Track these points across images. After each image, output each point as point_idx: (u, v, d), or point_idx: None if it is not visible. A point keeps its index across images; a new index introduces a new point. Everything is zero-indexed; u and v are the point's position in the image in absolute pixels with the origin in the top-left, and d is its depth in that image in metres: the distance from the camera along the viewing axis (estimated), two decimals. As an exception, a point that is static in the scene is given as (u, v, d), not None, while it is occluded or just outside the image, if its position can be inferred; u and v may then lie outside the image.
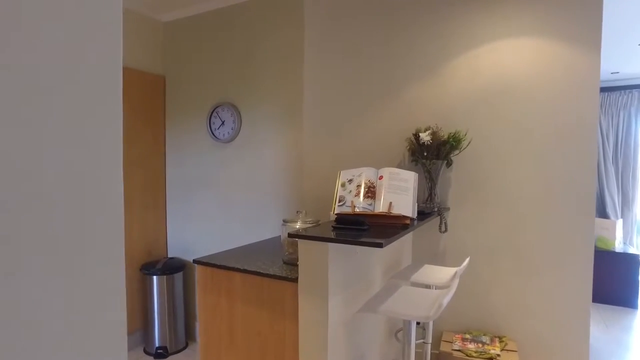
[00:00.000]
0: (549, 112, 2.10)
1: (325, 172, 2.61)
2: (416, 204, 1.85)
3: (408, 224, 1.79)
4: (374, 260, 2.08)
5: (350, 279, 1.81)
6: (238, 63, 2.95)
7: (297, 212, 1.95)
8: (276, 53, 2.79)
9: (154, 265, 3.07)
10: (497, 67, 2.20)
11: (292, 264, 1.89)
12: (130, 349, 3.17)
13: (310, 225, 1.89)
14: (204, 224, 3.18)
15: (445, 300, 1.54)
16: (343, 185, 1.94)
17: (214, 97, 3.08)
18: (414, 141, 2.33)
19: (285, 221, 1.92)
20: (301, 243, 1.64)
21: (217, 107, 3.01)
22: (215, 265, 1.91)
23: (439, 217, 2.27)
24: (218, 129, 3.01)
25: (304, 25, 2.68)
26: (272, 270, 1.79)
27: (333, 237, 1.54)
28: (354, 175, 1.95)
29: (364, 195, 1.86)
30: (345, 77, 2.57)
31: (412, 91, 2.43)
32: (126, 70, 3.08)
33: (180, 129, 3.31)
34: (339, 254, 1.67)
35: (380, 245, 1.42)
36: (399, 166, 2.50)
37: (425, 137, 2.25)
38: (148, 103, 3.26)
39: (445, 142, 2.27)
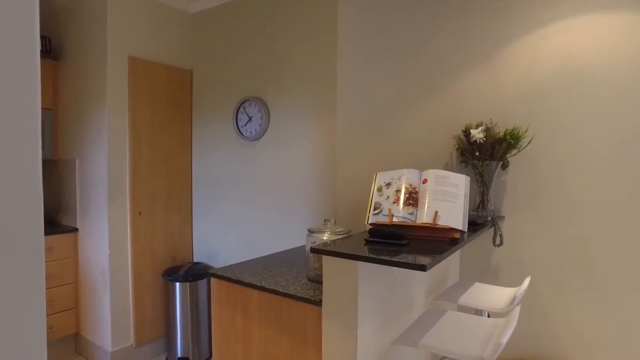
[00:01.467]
0: (637, 104, 1.71)
1: (360, 173, 2.32)
2: (467, 214, 1.53)
3: (457, 239, 1.48)
4: (414, 278, 1.77)
5: (385, 302, 1.52)
6: (266, 54, 2.73)
7: (325, 220, 1.68)
8: (307, 43, 2.53)
9: (177, 271, 2.89)
10: (569, 50, 1.83)
11: (318, 281, 1.62)
12: (152, 356, 3.03)
13: (339, 236, 1.62)
14: (230, 227, 2.98)
15: (505, 339, 1.22)
16: (379, 189, 1.65)
17: (241, 91, 2.87)
18: (464, 139, 2.01)
19: (310, 231, 1.65)
20: (326, 260, 1.37)
21: (244, 102, 2.79)
22: (230, 280, 1.68)
23: (492, 227, 1.93)
24: (245, 125, 2.79)
25: (337, 14, 2.41)
26: (292, 289, 1.53)
27: (364, 253, 1.26)
28: (392, 178, 1.66)
29: (404, 203, 1.56)
30: (384, 69, 2.28)
31: (460, 84, 2.10)
32: (154, 65, 2.94)
33: (207, 126, 3.13)
34: (371, 273, 1.39)
35: (423, 268, 1.13)
36: (446, 168, 2.17)
37: (477, 134, 1.92)
38: (175, 99, 3.10)
39: (501, 140, 1.93)
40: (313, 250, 1.37)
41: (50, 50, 3.08)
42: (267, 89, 2.72)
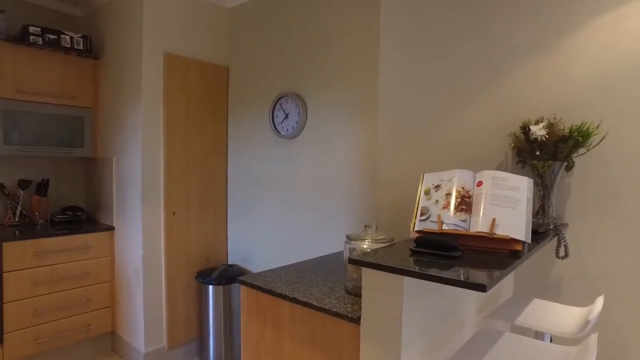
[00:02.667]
0: None
1: (403, 174, 2.13)
2: (530, 222, 1.32)
3: (519, 251, 1.27)
4: (465, 294, 1.58)
5: (432, 321, 1.34)
6: (305, 49, 2.59)
7: (365, 226, 1.51)
8: (347, 37, 2.37)
9: (211, 273, 2.81)
10: (651, 32, 1.57)
11: (356, 294, 1.46)
12: (185, 359, 2.97)
13: (381, 244, 1.45)
14: (265, 229, 2.87)
15: (583, 375, 1.01)
16: (427, 192, 1.47)
17: (277, 87, 2.75)
18: (522, 136, 1.78)
19: (349, 238, 1.49)
20: (366, 272, 1.21)
21: (280, 97, 2.67)
22: (261, 289, 1.55)
23: (556, 237, 1.70)
24: (281, 122, 2.67)
25: (379, 8, 2.23)
26: (328, 303, 1.37)
27: (411, 266, 1.09)
28: (442, 180, 1.47)
29: (456, 208, 1.37)
30: (430, 63, 2.08)
31: (518, 75, 1.88)
32: (190, 62, 2.87)
33: (242, 124, 3.03)
34: (417, 288, 1.21)
35: (482, 289, 0.94)
36: (499, 168, 1.95)
37: (538, 131, 1.70)
38: (211, 96, 3.03)
39: (566, 138, 1.69)
40: (352, 260, 1.21)
41: (91, 49, 3.09)
42: (304, 85, 2.58)
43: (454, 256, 1.20)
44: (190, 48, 2.90)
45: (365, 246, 1.47)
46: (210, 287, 2.76)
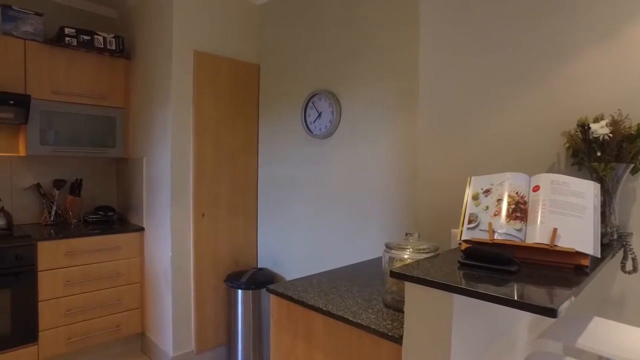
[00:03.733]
0: None
1: (445, 176, 1.98)
2: (599, 233, 1.15)
3: (585, 266, 1.11)
4: (517, 311, 1.42)
5: (483, 342, 1.20)
6: (339, 45, 2.47)
7: (407, 234, 1.38)
8: (385, 32, 2.24)
9: (240, 277, 2.74)
10: None
11: (397, 309, 1.33)
12: (214, 364, 2.91)
13: (424, 255, 1.32)
14: (297, 233, 2.77)
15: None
16: (475, 197, 1.33)
17: (310, 84, 2.65)
18: (579, 136, 1.61)
19: (388, 247, 1.37)
20: (410, 287, 1.08)
21: (313, 96, 2.56)
22: (292, 299, 1.44)
23: (622, 249, 1.51)
24: (314, 122, 2.56)
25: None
26: (365, 317, 1.25)
27: (461, 283, 0.95)
28: (492, 184, 1.32)
29: (509, 215, 1.22)
30: (475, 56, 1.92)
31: (575, 67, 1.70)
32: (219, 60, 2.81)
33: (274, 123, 2.95)
34: (469, 307, 1.07)
35: (552, 314, 0.80)
36: (551, 171, 1.77)
37: (600, 129, 1.52)
38: (241, 95, 2.97)
39: (633, 137, 1.51)
40: (394, 274, 1.08)
41: (123, 49, 3.09)
42: (339, 82, 2.47)
43: (509, 271, 1.06)
44: (220, 46, 2.84)
45: (406, 256, 1.34)
46: (240, 291, 2.69)
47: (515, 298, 0.85)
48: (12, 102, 2.59)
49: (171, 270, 2.66)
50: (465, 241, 1.27)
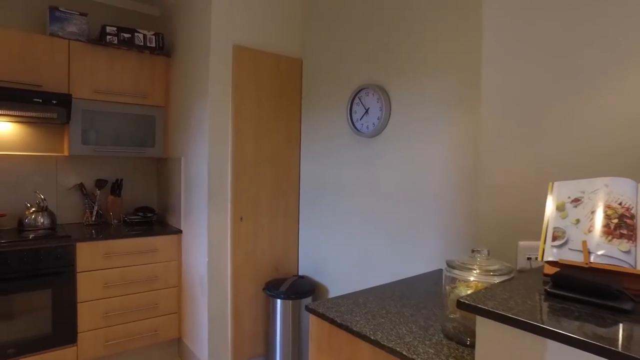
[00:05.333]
0: None
1: (515, 180, 1.71)
2: None
3: None
4: None
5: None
6: (389, 34, 2.25)
7: (473, 251, 1.15)
8: (441, 17, 1.99)
9: (279, 285, 2.58)
10: None
11: (460, 341, 1.10)
12: (252, 376, 2.77)
13: (495, 276, 1.08)
14: (341, 239, 2.56)
15: None
16: (561, 207, 1.08)
17: (357, 79, 2.43)
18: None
19: (450, 265, 1.14)
20: (482, 322, 0.85)
21: (360, 91, 2.35)
22: (334, 322, 1.25)
23: None
24: (360, 119, 2.34)
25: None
26: (422, 352, 1.03)
27: (563, 327, 0.72)
28: (583, 192, 1.07)
29: (611, 232, 0.97)
30: (551, 40, 1.64)
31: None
32: (260, 54, 2.67)
33: (317, 121, 2.76)
34: (561, 353, 0.83)
35: None
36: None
37: None
38: (282, 91, 2.81)
39: None
40: (462, 305, 0.86)
41: (163, 46, 3.02)
42: (388, 75, 2.23)
43: (620, 309, 0.80)
44: (261, 39, 2.69)
45: (472, 278, 1.11)
46: (279, 300, 2.53)
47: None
48: (55, 101, 2.58)
49: (207, 277, 2.53)
50: (550, 263, 1.02)
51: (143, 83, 3.01)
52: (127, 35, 2.86)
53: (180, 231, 2.91)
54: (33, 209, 2.82)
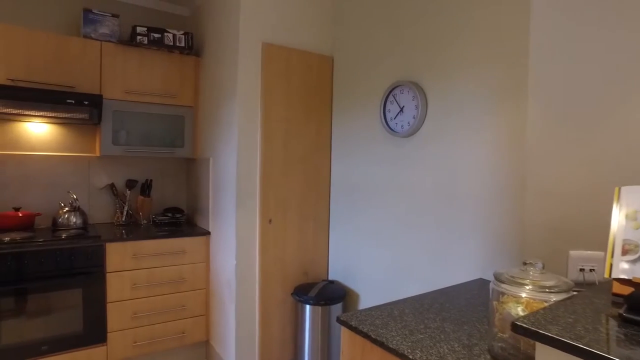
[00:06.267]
0: None
1: (567, 184, 1.56)
2: None
3: None
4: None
5: None
6: (425, 28, 2.12)
7: (525, 263, 1.03)
8: (482, 8, 1.85)
9: (309, 291, 2.50)
10: None
11: (511, 366, 0.98)
12: (279, 382, 2.69)
13: (552, 294, 0.95)
14: (373, 243, 2.45)
15: None
16: (632, 217, 0.94)
17: (390, 75, 2.32)
18: None
19: (499, 279, 1.02)
20: (544, 350, 0.74)
21: (394, 88, 2.23)
22: (368, 337, 1.15)
23: None
24: (395, 118, 2.23)
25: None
26: (470, 378, 0.92)
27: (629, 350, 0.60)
28: (659, 199, 0.93)
29: (696, 247, 0.83)
30: (611, 28, 1.48)
31: None
32: (290, 52, 2.59)
33: (349, 121, 2.66)
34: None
35: None
36: None
37: None
38: (313, 90, 2.72)
39: None
40: (520, 329, 0.75)
41: (192, 46, 2.99)
42: (425, 71, 2.10)
43: None
44: (291, 37, 2.62)
45: (523, 295, 0.99)
46: (308, 306, 2.44)
47: None
48: (86, 102, 2.59)
49: (235, 281, 2.48)
50: (621, 280, 0.89)
51: (172, 83, 3.00)
52: (157, 35, 2.85)
53: (208, 233, 2.87)
54: (66, 208, 2.85)
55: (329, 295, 2.45)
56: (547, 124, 1.59)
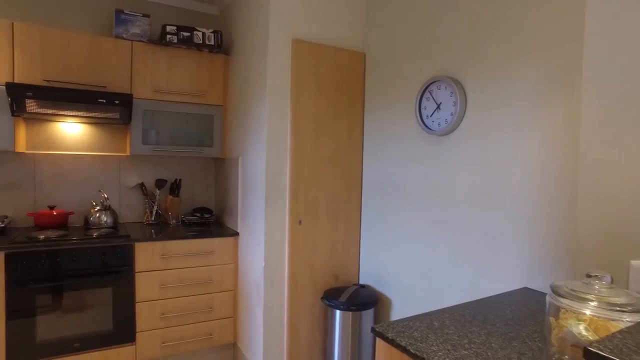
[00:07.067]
0: None
1: (626, 188, 1.42)
2: None
3: None
4: None
5: None
6: (464, 18, 2.00)
7: (590, 276, 0.91)
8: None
9: (339, 295, 2.41)
10: None
11: (574, 392, 0.87)
12: (308, 388, 2.62)
13: (625, 313, 0.83)
14: (407, 247, 2.34)
15: None
16: None
17: (426, 71, 2.20)
18: None
19: (557, 292, 0.91)
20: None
21: (430, 84, 2.12)
22: (407, 351, 1.05)
23: None
24: (431, 115, 2.12)
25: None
26: (527, 406, 0.82)
27: None
28: None
29: None
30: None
31: None
32: (321, 48, 2.51)
33: (381, 119, 2.56)
34: None
35: None
36: None
37: None
38: (344, 87, 2.63)
39: None
40: (592, 355, 0.64)
41: (222, 44, 2.96)
42: (464, 65, 1.97)
43: None
44: (322, 33, 2.54)
45: (587, 312, 0.87)
46: (338, 312, 2.36)
47: None
48: (117, 101, 2.59)
49: (264, 283, 2.42)
50: None
51: (201, 82, 2.98)
52: (186, 34, 2.83)
53: (237, 233, 2.83)
54: (98, 207, 2.87)
55: (361, 300, 2.36)
56: (602, 122, 1.44)
